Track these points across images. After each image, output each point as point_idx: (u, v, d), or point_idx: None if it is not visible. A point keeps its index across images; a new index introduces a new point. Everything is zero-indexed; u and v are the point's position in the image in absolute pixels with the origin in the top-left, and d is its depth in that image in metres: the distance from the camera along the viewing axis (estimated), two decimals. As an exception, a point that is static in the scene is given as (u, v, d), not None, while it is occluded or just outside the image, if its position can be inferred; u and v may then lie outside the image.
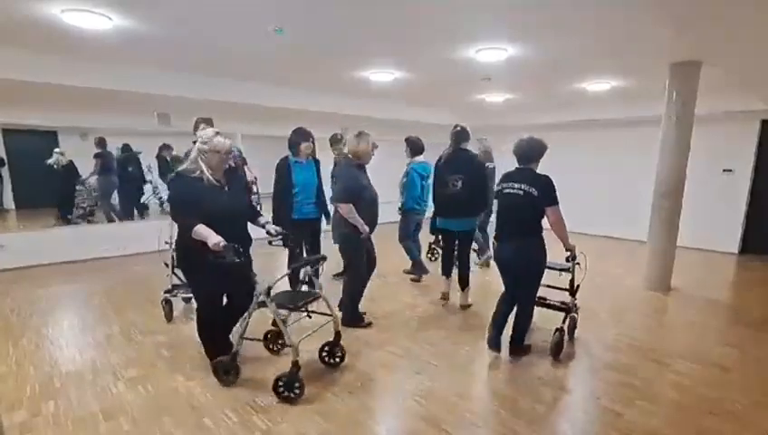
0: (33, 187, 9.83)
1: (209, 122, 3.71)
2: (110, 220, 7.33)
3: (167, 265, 3.77)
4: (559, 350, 3.13)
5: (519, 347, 3.16)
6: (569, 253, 3.09)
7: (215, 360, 2.73)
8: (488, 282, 5.02)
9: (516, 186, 2.94)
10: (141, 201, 9.30)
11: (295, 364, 2.50)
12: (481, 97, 7.26)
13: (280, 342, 3.07)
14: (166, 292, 3.75)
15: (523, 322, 3.13)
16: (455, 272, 4.26)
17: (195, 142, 2.61)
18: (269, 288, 2.57)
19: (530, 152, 3.00)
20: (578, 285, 3.34)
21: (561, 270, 3.30)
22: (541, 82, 5.95)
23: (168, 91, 5.36)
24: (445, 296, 4.32)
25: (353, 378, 2.83)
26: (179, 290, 3.77)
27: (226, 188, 2.66)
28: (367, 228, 3.45)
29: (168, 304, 3.74)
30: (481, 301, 4.30)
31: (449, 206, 4.00)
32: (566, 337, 3.26)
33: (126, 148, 8.69)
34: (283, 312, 2.68)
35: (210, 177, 2.56)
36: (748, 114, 6.33)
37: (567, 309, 3.33)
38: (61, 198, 7.75)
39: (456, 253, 4.24)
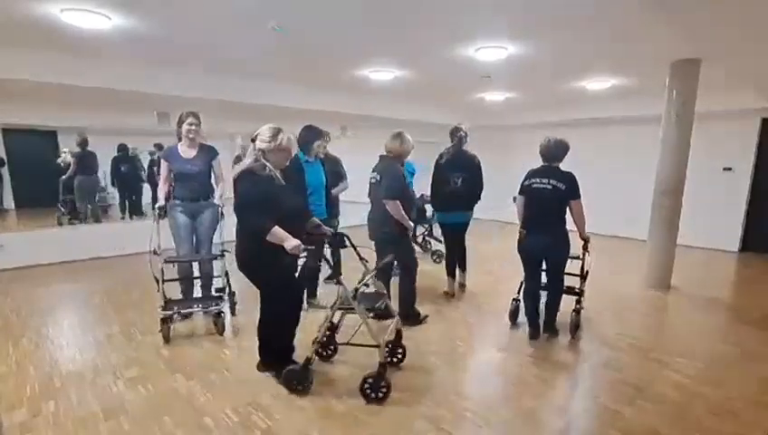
0: (33, 187, 9.84)
1: (196, 116, 3.59)
2: (94, 220, 7.19)
3: (157, 280, 3.35)
4: (577, 327, 3.49)
5: (554, 331, 3.44)
6: (583, 242, 3.42)
7: (287, 368, 2.62)
8: (484, 280, 5.01)
9: (545, 181, 3.26)
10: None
11: (382, 365, 2.52)
12: (481, 96, 7.25)
13: (331, 347, 3.02)
14: (163, 309, 3.30)
15: (556, 305, 3.43)
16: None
17: (253, 140, 2.50)
18: (356, 290, 2.59)
19: (556, 151, 3.30)
20: (587, 271, 3.60)
21: (572, 258, 3.47)
22: (541, 80, 5.94)
23: (167, 90, 5.35)
24: (448, 293, 4.44)
25: (352, 377, 2.82)
26: (177, 306, 3.46)
27: None
28: (411, 225, 3.54)
29: (166, 324, 3.30)
30: (476, 298, 4.31)
31: (450, 201, 4.20)
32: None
33: (122, 147, 8.69)
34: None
35: (278, 176, 2.46)
36: (748, 112, 6.32)
37: (579, 293, 3.58)
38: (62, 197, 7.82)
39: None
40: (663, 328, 3.84)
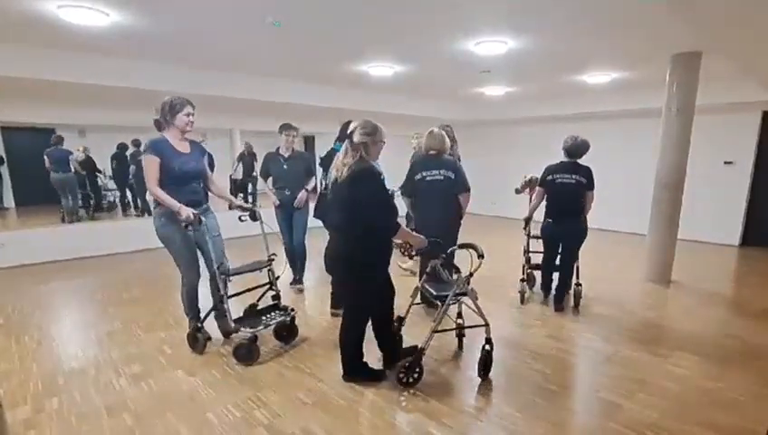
0: (33, 185, 9.85)
1: (193, 105, 3.02)
2: (70, 219, 7.16)
3: (221, 299, 2.96)
4: (579, 300, 4.00)
5: (562, 303, 3.92)
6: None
7: (406, 363, 2.59)
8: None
9: (567, 176, 3.72)
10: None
11: (488, 341, 2.71)
12: (481, 91, 7.23)
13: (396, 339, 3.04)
14: (240, 329, 2.92)
15: (568, 282, 3.97)
16: None
17: (349, 136, 2.40)
18: (471, 274, 2.62)
19: (580, 149, 3.74)
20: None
21: None
22: (541, 74, 5.92)
23: (166, 87, 5.31)
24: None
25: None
26: (250, 323, 3.00)
27: None
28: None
29: (252, 342, 2.92)
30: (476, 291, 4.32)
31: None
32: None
33: (120, 145, 8.69)
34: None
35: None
36: (749, 105, 6.29)
37: (576, 268, 4.03)
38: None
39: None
40: (663, 322, 3.85)
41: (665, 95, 4.64)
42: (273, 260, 3.21)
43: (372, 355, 2.81)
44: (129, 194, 8.64)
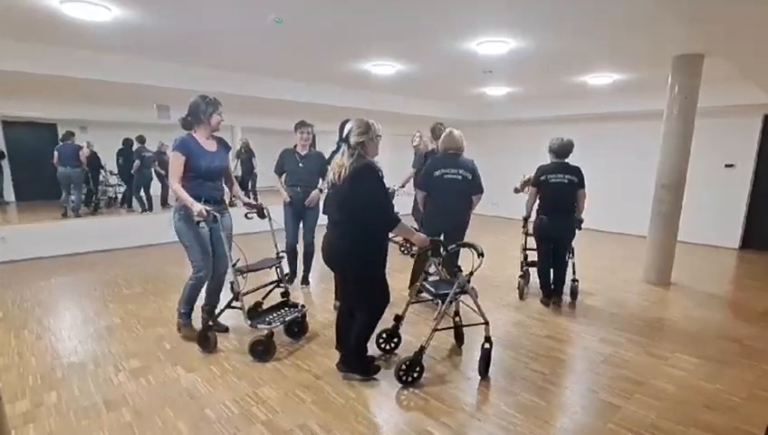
0: (34, 179, 9.86)
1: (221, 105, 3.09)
2: (67, 214, 7.15)
3: (237, 294, 2.98)
4: (576, 295, 4.19)
5: (560, 297, 4.07)
6: (579, 222, 3.98)
7: (407, 360, 2.62)
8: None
9: (560, 176, 3.86)
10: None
11: (488, 339, 2.74)
12: (483, 91, 7.22)
13: (394, 341, 3.07)
14: (257, 325, 2.96)
15: (564, 275, 4.06)
16: None
17: (346, 139, 2.42)
18: (471, 273, 2.66)
19: (567, 149, 3.89)
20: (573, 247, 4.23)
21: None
22: (543, 75, 5.92)
23: (167, 83, 5.33)
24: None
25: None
26: (265, 317, 3.06)
27: None
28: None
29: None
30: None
31: None
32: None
33: (125, 141, 8.67)
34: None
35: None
36: (750, 108, 6.29)
37: (573, 264, 4.22)
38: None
39: None
40: (662, 323, 3.85)
41: (666, 97, 4.64)
42: (282, 258, 3.30)
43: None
44: (142, 190, 8.48)
